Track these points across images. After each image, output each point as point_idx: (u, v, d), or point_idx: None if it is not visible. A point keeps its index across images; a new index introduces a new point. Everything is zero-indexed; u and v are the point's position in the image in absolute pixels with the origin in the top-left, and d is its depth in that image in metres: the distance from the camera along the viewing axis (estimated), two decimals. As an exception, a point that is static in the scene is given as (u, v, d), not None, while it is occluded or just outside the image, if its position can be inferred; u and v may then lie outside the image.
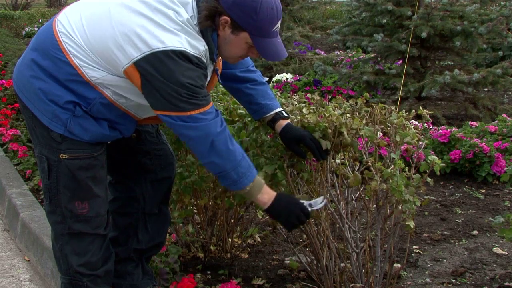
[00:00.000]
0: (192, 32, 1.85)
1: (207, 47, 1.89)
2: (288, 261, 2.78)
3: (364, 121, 2.14)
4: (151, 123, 2.22)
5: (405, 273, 2.70)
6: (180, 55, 1.80)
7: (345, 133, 2.07)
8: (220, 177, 1.95)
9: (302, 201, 2.04)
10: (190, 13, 1.87)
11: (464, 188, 3.95)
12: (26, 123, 2.08)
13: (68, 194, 1.99)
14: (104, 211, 2.09)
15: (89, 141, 1.97)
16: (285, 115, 2.19)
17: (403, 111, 2.29)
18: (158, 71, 1.79)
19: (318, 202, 2.07)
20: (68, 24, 1.90)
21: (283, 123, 2.15)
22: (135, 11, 1.82)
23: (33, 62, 1.92)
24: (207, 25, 1.87)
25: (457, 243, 3.06)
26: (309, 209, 2.04)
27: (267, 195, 1.99)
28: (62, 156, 1.95)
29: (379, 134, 2.15)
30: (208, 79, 1.99)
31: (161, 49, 1.78)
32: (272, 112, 2.17)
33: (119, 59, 1.82)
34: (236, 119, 2.55)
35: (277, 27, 1.92)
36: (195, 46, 1.84)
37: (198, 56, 1.85)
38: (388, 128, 2.17)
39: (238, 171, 1.91)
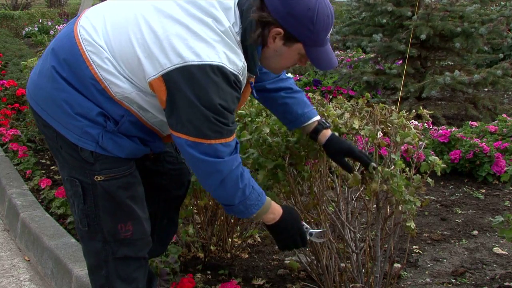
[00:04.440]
0: (231, 44, 1.65)
1: (245, 64, 1.70)
2: (288, 261, 2.78)
3: (364, 121, 2.14)
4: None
5: (405, 273, 2.70)
6: (217, 71, 1.60)
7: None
8: (227, 209, 1.82)
9: (304, 226, 1.93)
10: (232, 20, 1.67)
11: (464, 188, 3.95)
12: (48, 143, 1.87)
13: (109, 218, 1.80)
14: (148, 232, 1.91)
15: (124, 157, 1.78)
16: (327, 124, 2.05)
17: (403, 111, 2.29)
18: (188, 87, 1.58)
19: (318, 235, 1.99)
20: (92, 29, 1.69)
21: (327, 133, 2.02)
22: (169, 17, 1.63)
23: (54, 71, 1.71)
24: (259, 42, 1.70)
25: (457, 243, 3.06)
26: (308, 237, 1.95)
27: (273, 214, 1.85)
28: (97, 178, 1.75)
29: (379, 134, 2.15)
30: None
31: (196, 62, 1.58)
32: (311, 121, 2.03)
33: (146, 70, 1.62)
34: (236, 119, 2.54)
35: (329, 34, 1.76)
36: (234, 62, 1.64)
37: (236, 73, 1.65)
38: (389, 128, 2.17)
39: (246, 204, 1.76)
